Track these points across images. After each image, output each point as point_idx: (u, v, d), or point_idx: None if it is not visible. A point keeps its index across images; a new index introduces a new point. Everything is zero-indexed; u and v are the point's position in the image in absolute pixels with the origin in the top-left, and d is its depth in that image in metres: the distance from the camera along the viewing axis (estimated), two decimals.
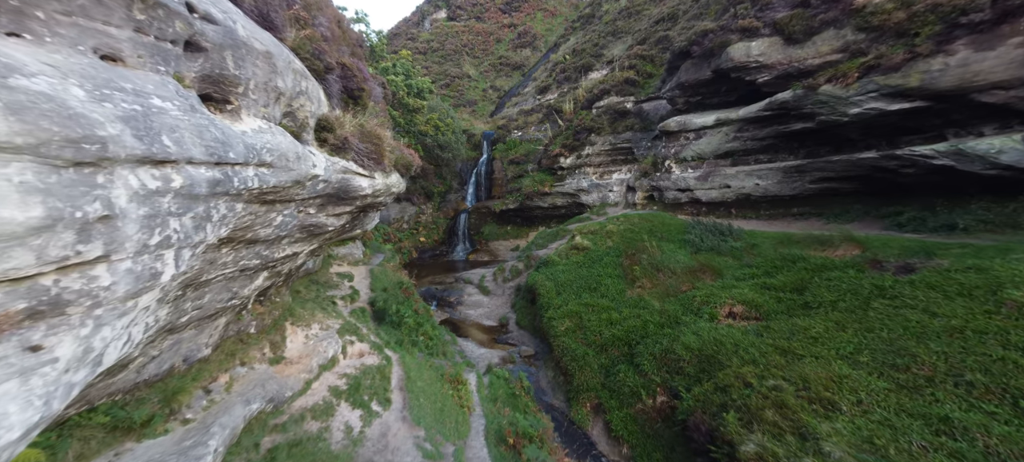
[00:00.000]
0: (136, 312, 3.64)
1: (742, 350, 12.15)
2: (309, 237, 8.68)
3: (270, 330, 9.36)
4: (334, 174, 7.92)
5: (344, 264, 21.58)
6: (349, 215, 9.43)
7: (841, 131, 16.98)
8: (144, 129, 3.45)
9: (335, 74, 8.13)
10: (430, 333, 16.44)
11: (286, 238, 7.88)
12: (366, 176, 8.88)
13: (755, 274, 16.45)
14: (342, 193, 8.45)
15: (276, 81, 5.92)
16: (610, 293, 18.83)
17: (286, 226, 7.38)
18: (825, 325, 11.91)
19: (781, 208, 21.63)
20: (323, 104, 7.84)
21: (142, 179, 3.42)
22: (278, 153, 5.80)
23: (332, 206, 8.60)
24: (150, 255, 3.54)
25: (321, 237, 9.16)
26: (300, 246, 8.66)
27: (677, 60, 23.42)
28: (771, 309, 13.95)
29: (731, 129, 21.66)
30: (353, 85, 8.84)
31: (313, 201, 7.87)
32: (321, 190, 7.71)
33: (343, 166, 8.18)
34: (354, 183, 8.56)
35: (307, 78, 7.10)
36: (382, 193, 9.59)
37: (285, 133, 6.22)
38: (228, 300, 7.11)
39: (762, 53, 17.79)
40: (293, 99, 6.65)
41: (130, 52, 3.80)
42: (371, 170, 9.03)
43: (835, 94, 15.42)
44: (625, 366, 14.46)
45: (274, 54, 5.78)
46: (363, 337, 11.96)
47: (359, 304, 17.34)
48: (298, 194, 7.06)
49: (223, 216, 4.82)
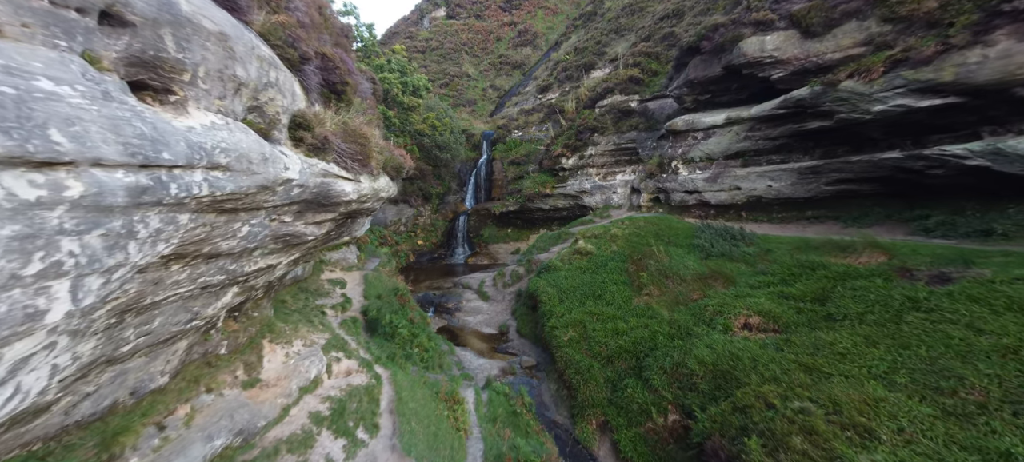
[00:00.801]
0: (9, 362, 2.71)
1: (761, 366, 11.22)
2: (286, 248, 7.75)
3: (245, 349, 8.43)
4: (312, 178, 6.99)
5: (337, 270, 20.64)
6: (332, 223, 8.50)
7: (861, 130, 16.03)
8: (14, 119, 2.51)
9: (313, 65, 7.21)
10: (425, 345, 15.51)
11: (257, 250, 6.95)
12: (350, 180, 7.95)
13: (771, 282, 15.51)
14: (322, 199, 7.51)
15: (235, 69, 4.99)
16: (615, 301, 17.91)
17: (255, 237, 6.45)
18: (853, 340, 10.96)
19: (794, 211, 20.68)
20: (299, 99, 6.92)
21: (7, 186, 2.48)
22: (237, 154, 4.86)
23: (311, 213, 7.66)
24: (23, 289, 2.60)
25: (301, 247, 8.23)
26: (276, 258, 7.73)
27: (685, 56, 22.48)
28: (790, 321, 13.00)
29: (742, 128, 20.70)
30: (335, 78, 7.92)
31: (288, 208, 6.95)
32: (296, 196, 6.78)
33: (323, 169, 7.25)
34: (336, 188, 7.63)
35: (278, 68, 6.17)
36: (369, 198, 8.65)
37: (248, 131, 5.29)
38: (187, 322, 6.18)
39: (777, 48, 16.85)
40: (260, 92, 5.72)
41: (9, 18, 2.86)
42: (356, 173, 8.09)
43: (857, 90, 14.47)
44: (633, 380, 13.55)
45: (231, 36, 4.85)
46: (351, 353, 11.02)
47: (351, 313, 16.40)
48: (268, 201, 6.13)
49: (157, 231, 3.88)
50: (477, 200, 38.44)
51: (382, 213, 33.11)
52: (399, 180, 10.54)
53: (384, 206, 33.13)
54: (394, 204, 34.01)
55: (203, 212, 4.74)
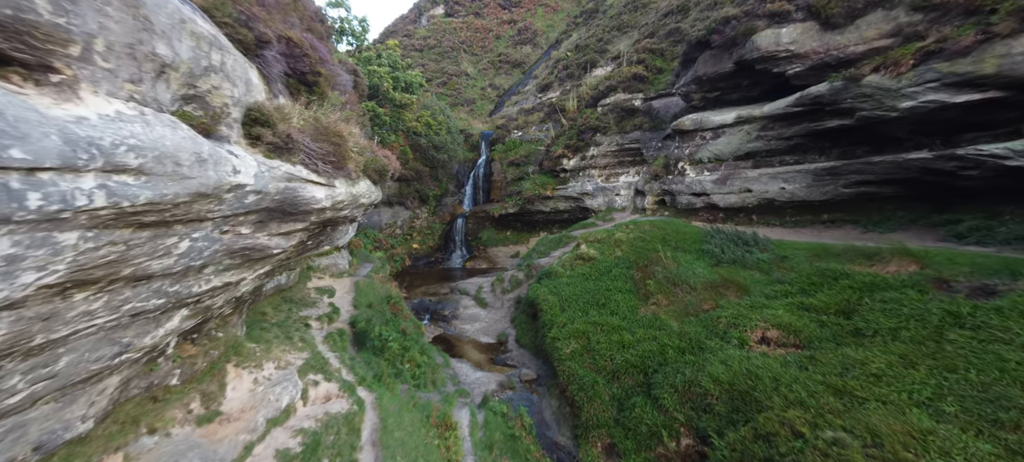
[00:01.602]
0: None
1: (784, 387, 10.16)
2: (248, 263, 6.67)
3: (204, 377, 7.35)
4: (273, 182, 5.91)
5: (326, 276, 19.54)
6: (304, 233, 7.42)
7: (885, 128, 14.95)
8: None
9: (274, 50, 6.16)
10: (417, 359, 14.41)
11: (209, 267, 5.87)
12: (322, 184, 6.87)
13: (789, 292, 14.45)
14: (288, 206, 6.43)
15: (155, 45, 3.92)
16: (621, 310, 16.86)
17: (202, 253, 5.37)
18: (887, 360, 9.88)
19: (809, 214, 19.60)
20: (256, 89, 5.87)
21: None
22: (157, 153, 3.79)
23: (276, 223, 6.58)
24: None
25: (267, 261, 7.15)
26: (236, 274, 6.65)
27: (693, 51, 21.41)
28: (813, 335, 11.93)
29: (754, 127, 19.63)
30: (304, 67, 6.86)
31: (245, 218, 5.87)
32: (254, 204, 5.71)
33: (287, 172, 6.17)
34: (304, 194, 6.55)
35: (224, 50, 5.10)
36: (346, 205, 7.58)
37: (178, 125, 4.22)
38: (116, 355, 5.10)
39: (794, 41, 15.79)
40: (198, 78, 4.65)
41: None
42: (329, 177, 7.01)
43: (883, 85, 13.41)
44: (641, 399, 12.49)
45: (146, 2, 3.77)
46: (331, 374, 9.93)
47: (338, 325, 15.31)
48: (213, 210, 5.05)
49: (13, 258, 2.81)
50: (475, 202, 37.37)
51: (377, 216, 32.03)
52: (383, 184, 9.47)
53: (379, 208, 32.05)
54: (389, 206, 32.94)
55: (108, 227, 3.66)
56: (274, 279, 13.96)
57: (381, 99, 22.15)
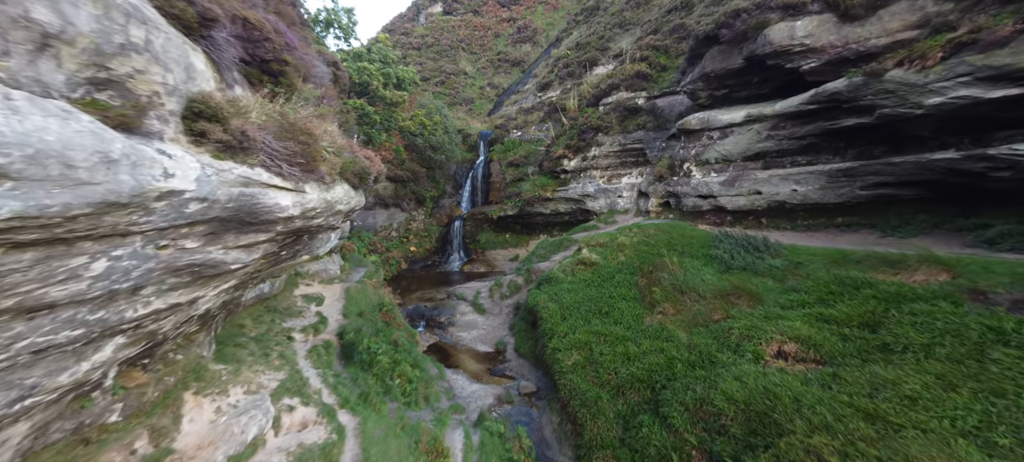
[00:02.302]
0: None
1: (807, 408, 9.21)
2: (200, 281, 5.71)
3: (155, 409, 6.40)
4: (224, 188, 4.96)
5: (315, 283, 18.57)
6: (271, 244, 6.46)
7: (907, 127, 14.02)
8: None
9: (226, 32, 5.21)
10: (409, 374, 13.45)
11: (147, 288, 4.92)
12: (288, 189, 5.92)
13: (805, 301, 13.51)
14: (247, 215, 5.48)
15: (30, 8, 2.98)
16: (625, 319, 15.95)
17: (129, 274, 4.42)
18: (923, 380, 8.92)
19: (823, 218, 18.66)
20: (201, 77, 4.93)
21: None
22: (29, 151, 2.84)
23: (233, 235, 5.63)
24: None
25: (227, 277, 6.20)
26: (187, 294, 5.69)
27: (700, 47, 20.47)
28: (835, 350, 10.98)
29: (764, 126, 18.69)
30: (266, 54, 5.91)
31: (190, 230, 4.92)
32: (199, 213, 4.76)
33: (242, 175, 5.22)
34: (266, 200, 5.60)
35: (150, 25, 4.15)
36: (320, 212, 6.63)
37: (70, 115, 3.26)
38: (16, 402, 4.16)
39: (809, 34, 14.86)
40: (108, 57, 3.70)
41: None
42: (298, 181, 6.06)
43: (907, 80, 12.48)
44: (649, 417, 11.58)
45: None
46: (309, 398, 8.98)
47: (325, 336, 14.35)
48: (139, 222, 4.11)
49: None
50: (474, 204, 36.42)
51: (372, 218, 31.08)
52: (365, 188, 8.52)
53: (374, 211, 31.10)
54: (385, 208, 31.99)
55: None
56: (254, 288, 13.02)
57: (372, 97, 21.11)
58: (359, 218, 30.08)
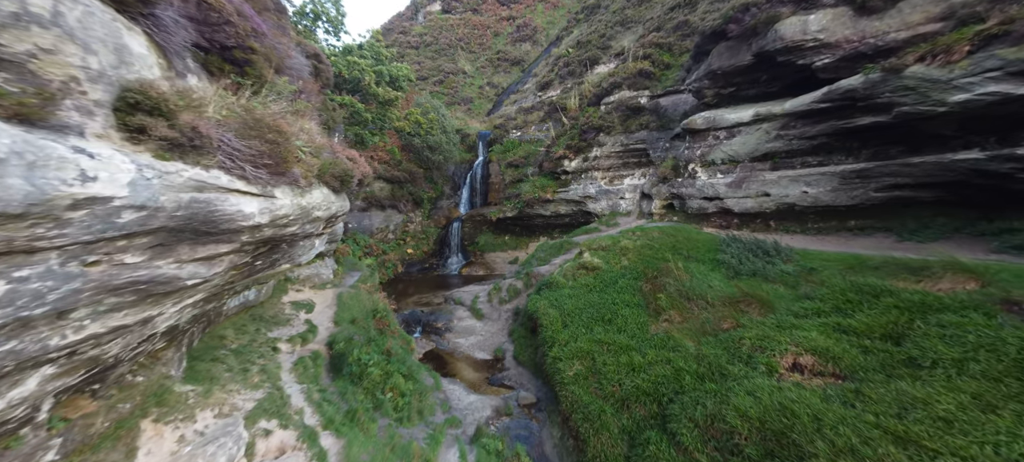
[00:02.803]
0: None
1: (828, 428, 8.46)
2: (150, 300, 4.98)
3: (104, 442, 5.67)
4: (170, 193, 4.24)
5: (306, 288, 17.83)
6: (238, 255, 5.73)
7: (926, 126, 13.31)
8: None
9: (173, 10, 4.49)
10: (402, 386, 12.73)
11: (78, 311, 4.19)
12: (253, 194, 5.19)
13: (821, 310, 12.75)
14: (201, 224, 4.75)
15: None
16: (629, 327, 15.22)
17: (44, 297, 3.69)
18: (957, 400, 8.16)
19: (834, 221, 17.94)
20: (139, 62, 4.22)
21: None
22: None
23: (187, 247, 4.89)
24: None
25: (186, 293, 5.47)
26: (135, 314, 4.96)
27: (707, 43, 19.75)
28: (855, 364, 10.21)
29: (773, 126, 17.96)
30: (227, 40, 5.17)
31: (128, 242, 4.19)
32: (136, 223, 4.03)
33: (195, 179, 4.49)
34: (224, 207, 4.87)
35: None
36: (295, 219, 5.89)
37: None
38: None
39: (823, 28, 14.15)
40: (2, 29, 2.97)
41: None
42: (266, 184, 5.33)
43: (930, 76, 11.77)
44: (656, 434, 10.84)
45: None
46: (289, 419, 8.25)
47: (313, 346, 13.62)
48: (49, 237, 3.38)
49: None
50: (472, 205, 35.69)
51: (368, 220, 30.35)
52: (348, 192, 7.79)
53: (370, 212, 30.37)
54: (381, 210, 31.26)
55: None
56: (237, 297, 12.28)
57: (364, 94, 20.31)
58: (354, 220, 29.35)
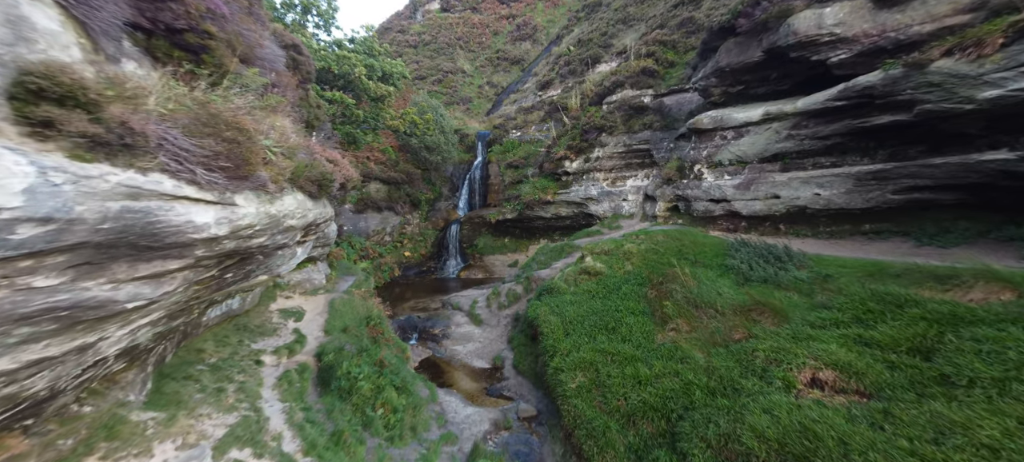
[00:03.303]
0: None
1: (857, 454, 7.75)
2: (81, 326, 4.21)
3: None
4: (90, 202, 3.47)
5: (296, 294, 17.05)
6: (193, 271, 4.96)
7: (949, 125, 12.56)
8: None
9: None
10: (394, 402, 11.95)
11: None
12: (208, 202, 4.41)
13: (839, 320, 11.95)
14: (140, 238, 3.99)
15: None
16: (634, 337, 14.46)
17: None
18: (1002, 425, 7.39)
19: (848, 224, 17.16)
20: (48, 40, 3.47)
21: None
22: None
23: (125, 265, 4.12)
24: None
25: (128, 316, 4.69)
26: (62, 343, 4.18)
27: (714, 39, 18.99)
28: (882, 380, 9.43)
29: (784, 125, 17.20)
30: (174, 20, 4.39)
31: (37, 263, 3.42)
32: (42, 240, 3.26)
33: (126, 183, 3.72)
34: (171, 217, 4.10)
35: None
36: (262, 229, 5.12)
37: None
38: None
39: (840, 22, 13.40)
40: None
41: None
42: (224, 190, 4.56)
43: (957, 72, 11.02)
44: (665, 453, 10.15)
45: None
46: (265, 447, 7.47)
47: (301, 357, 12.85)
48: None
49: None
50: (471, 207, 34.93)
51: (364, 222, 29.58)
52: (328, 196, 7.02)
53: (365, 214, 29.60)
54: (378, 212, 30.48)
55: None
56: (218, 307, 11.50)
57: (356, 91, 19.49)
58: (350, 223, 28.58)
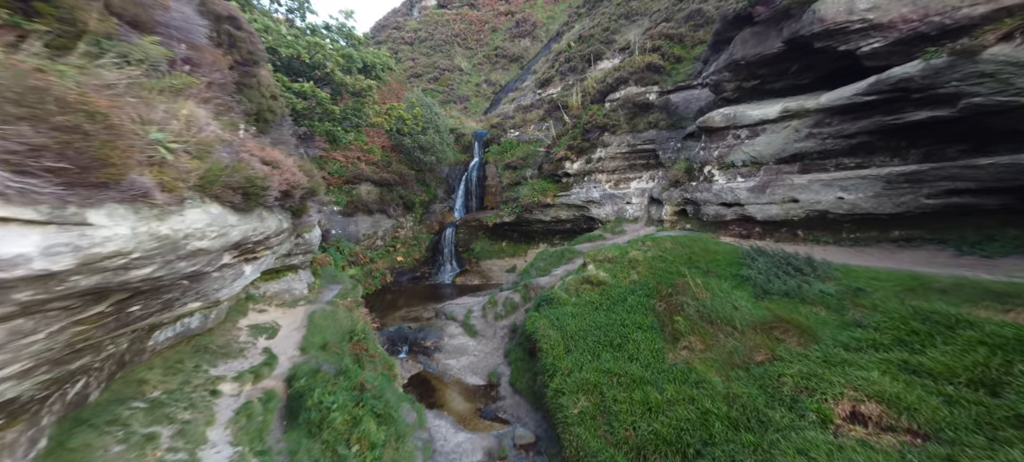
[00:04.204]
0: None
1: None
2: None
3: None
4: None
5: (271, 307, 15.55)
6: (29, 319, 3.51)
7: (998, 121, 11.12)
8: None
9: None
10: (372, 435, 10.45)
11: None
12: (27, 221, 2.96)
13: (878, 342, 10.46)
14: None
15: None
16: (643, 355, 13.04)
17: None
18: None
19: (874, 231, 15.70)
20: None
21: None
22: None
23: None
24: None
25: None
26: None
27: (728, 30, 17.54)
28: (939, 419, 7.94)
29: (804, 123, 15.74)
30: None
31: None
32: None
33: None
34: None
35: None
36: (150, 256, 3.69)
37: None
38: None
39: (873, 6, 11.97)
40: None
41: None
42: (61, 203, 3.10)
43: (1016, 59, 9.59)
44: None
45: None
46: None
47: (268, 383, 11.38)
48: None
49: None
50: (467, 209, 33.49)
51: (354, 226, 28.13)
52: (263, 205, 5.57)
53: (356, 218, 28.15)
54: (369, 215, 29.03)
55: None
56: (170, 328, 10.00)
57: (334, 86, 18.01)
58: (339, 226, 27.13)
